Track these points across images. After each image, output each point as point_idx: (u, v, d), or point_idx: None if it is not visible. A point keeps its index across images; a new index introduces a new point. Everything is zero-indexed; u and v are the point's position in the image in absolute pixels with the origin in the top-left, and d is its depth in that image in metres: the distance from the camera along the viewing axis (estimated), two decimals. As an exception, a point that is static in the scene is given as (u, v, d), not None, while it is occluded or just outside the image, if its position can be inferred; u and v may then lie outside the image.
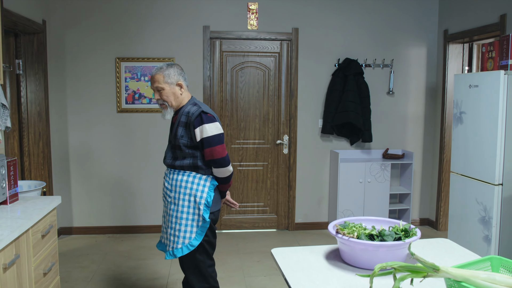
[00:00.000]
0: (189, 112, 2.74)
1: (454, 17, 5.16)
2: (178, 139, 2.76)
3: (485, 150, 3.70)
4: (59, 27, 4.98)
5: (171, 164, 2.83)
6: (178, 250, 2.76)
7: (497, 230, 3.61)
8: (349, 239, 1.92)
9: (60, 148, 5.09)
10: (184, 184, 2.76)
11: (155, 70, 2.81)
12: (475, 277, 1.54)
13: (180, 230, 2.75)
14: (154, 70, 2.82)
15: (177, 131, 2.77)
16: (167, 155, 2.88)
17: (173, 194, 2.80)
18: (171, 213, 2.80)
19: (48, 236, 2.77)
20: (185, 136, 2.74)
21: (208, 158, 2.73)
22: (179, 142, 2.75)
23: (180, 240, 2.75)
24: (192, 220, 2.75)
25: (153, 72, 2.81)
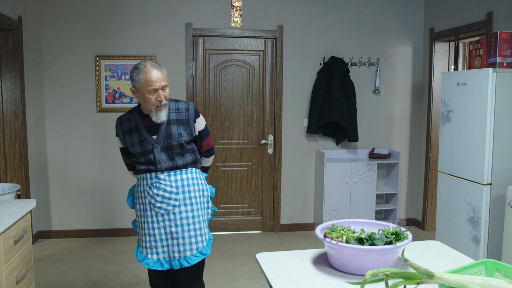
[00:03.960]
0: (181, 108, 2.68)
1: (440, 16, 5.12)
2: (175, 138, 2.63)
3: (473, 149, 3.65)
4: (36, 24, 4.82)
5: (172, 166, 2.65)
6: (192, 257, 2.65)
7: (485, 230, 3.56)
8: (337, 243, 1.83)
9: (37, 149, 4.93)
10: (191, 182, 2.68)
11: (157, 66, 2.57)
12: (470, 283, 1.48)
13: (195, 229, 2.66)
14: (154, 66, 2.55)
15: (171, 130, 2.62)
16: (160, 160, 2.63)
17: (180, 195, 2.64)
18: (183, 215, 2.64)
19: (22, 242, 2.64)
20: (183, 132, 2.65)
21: (204, 149, 2.81)
22: (177, 141, 2.63)
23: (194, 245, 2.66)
24: (203, 217, 2.73)
25: (158, 69, 2.56)
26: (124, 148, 2.78)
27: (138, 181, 2.74)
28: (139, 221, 2.74)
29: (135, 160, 2.74)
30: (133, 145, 2.66)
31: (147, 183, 2.66)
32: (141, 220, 2.70)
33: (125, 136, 2.69)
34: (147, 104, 2.56)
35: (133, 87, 2.58)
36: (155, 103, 2.55)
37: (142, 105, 2.63)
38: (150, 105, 2.55)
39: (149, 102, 2.55)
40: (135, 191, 2.78)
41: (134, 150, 2.67)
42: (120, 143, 2.78)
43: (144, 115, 2.66)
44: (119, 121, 2.72)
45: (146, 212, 2.67)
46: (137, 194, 2.73)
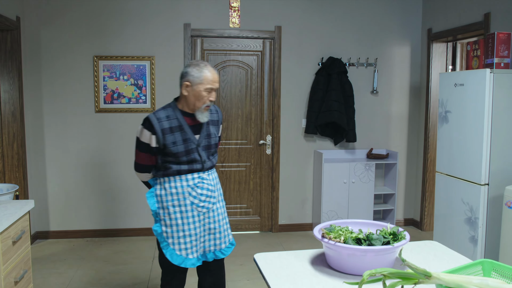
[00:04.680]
0: (213, 110, 2.82)
1: (438, 16, 5.13)
2: (213, 138, 2.76)
3: (471, 149, 3.66)
4: (34, 24, 4.81)
5: (212, 165, 2.79)
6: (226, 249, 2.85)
7: (483, 230, 3.57)
8: (335, 243, 1.83)
9: (36, 150, 4.93)
10: (218, 179, 2.88)
11: (213, 70, 2.66)
12: (467, 283, 1.49)
13: (227, 223, 2.87)
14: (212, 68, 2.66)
15: (210, 130, 2.74)
16: (205, 159, 2.70)
17: (216, 193, 2.79)
18: (219, 211, 2.80)
19: (20, 242, 2.64)
20: (216, 133, 2.81)
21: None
22: (214, 141, 2.77)
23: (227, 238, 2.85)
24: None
25: (215, 71, 2.67)
26: (156, 148, 2.64)
27: (174, 182, 2.67)
28: (175, 223, 2.67)
29: (171, 160, 2.64)
30: (175, 144, 2.62)
31: (188, 184, 2.67)
32: (181, 222, 2.67)
33: (165, 135, 2.60)
34: (198, 101, 2.62)
35: (188, 82, 2.61)
36: (206, 102, 2.63)
37: (188, 103, 2.65)
38: (201, 103, 2.62)
39: (201, 100, 2.62)
40: (165, 194, 2.69)
41: (177, 149, 2.62)
42: (154, 142, 2.62)
43: (186, 114, 2.68)
44: (155, 119, 2.62)
45: (187, 213, 2.68)
46: (173, 196, 2.67)
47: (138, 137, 2.67)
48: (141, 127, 2.65)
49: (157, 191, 2.70)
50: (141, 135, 2.64)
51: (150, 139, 2.62)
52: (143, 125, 2.65)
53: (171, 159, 2.64)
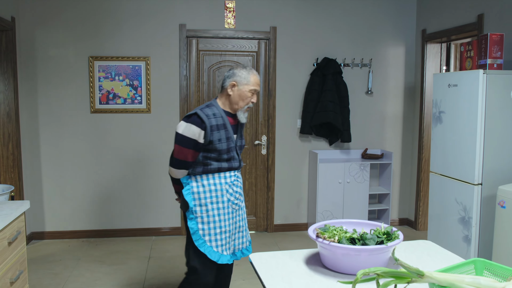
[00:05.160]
0: None
1: (432, 17, 5.17)
2: (243, 139, 2.90)
3: (464, 149, 3.69)
4: (29, 25, 4.81)
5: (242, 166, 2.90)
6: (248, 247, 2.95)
7: (476, 230, 3.60)
8: (330, 243, 1.85)
9: (31, 150, 4.92)
10: None
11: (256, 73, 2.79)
12: (460, 282, 1.51)
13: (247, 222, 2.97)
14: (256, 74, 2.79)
15: (242, 131, 2.88)
16: (240, 157, 2.84)
17: (242, 196, 2.92)
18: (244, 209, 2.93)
19: (16, 243, 2.64)
20: None
21: None
22: (245, 142, 2.94)
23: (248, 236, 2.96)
24: None
25: (258, 76, 2.80)
26: (201, 144, 2.68)
27: (213, 179, 2.74)
28: (213, 220, 2.73)
29: (213, 156, 2.71)
30: (220, 141, 2.69)
31: (226, 181, 2.76)
32: (218, 219, 2.74)
33: (213, 132, 2.67)
34: (242, 102, 2.75)
35: (235, 82, 2.73)
36: (248, 103, 2.76)
37: (231, 103, 2.77)
38: (244, 103, 2.75)
39: (244, 100, 2.74)
40: (203, 191, 2.74)
41: (221, 146, 2.70)
42: (202, 138, 2.67)
43: (227, 113, 2.78)
44: (205, 115, 2.67)
45: (224, 210, 2.75)
46: (212, 193, 2.73)
47: (183, 134, 2.66)
48: (187, 124, 2.66)
49: (194, 188, 2.73)
50: (188, 131, 2.65)
51: (198, 135, 2.66)
52: (190, 121, 2.66)
53: (214, 156, 2.71)
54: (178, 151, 2.69)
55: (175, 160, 2.72)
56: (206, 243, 2.73)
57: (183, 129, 2.67)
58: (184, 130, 2.67)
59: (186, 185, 2.75)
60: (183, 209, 2.80)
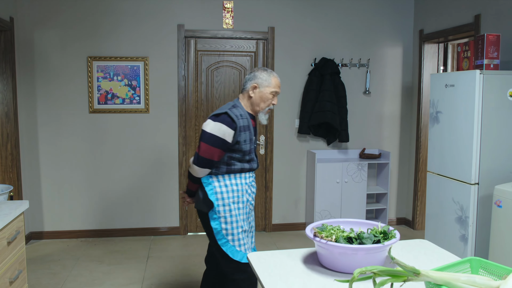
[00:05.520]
0: None
1: (430, 17, 5.19)
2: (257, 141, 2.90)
3: (461, 149, 3.71)
4: (27, 25, 4.82)
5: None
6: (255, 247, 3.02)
7: (473, 229, 3.62)
8: (327, 242, 1.87)
9: (29, 150, 4.93)
10: None
11: (276, 75, 2.83)
12: (455, 280, 1.52)
13: None
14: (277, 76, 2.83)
15: (257, 134, 2.93)
16: (256, 160, 2.87)
17: None
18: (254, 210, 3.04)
19: (15, 243, 2.65)
20: None
21: None
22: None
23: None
24: None
25: (278, 77, 2.82)
26: (229, 144, 2.70)
27: (235, 179, 2.77)
28: (236, 220, 2.75)
29: (238, 157, 2.74)
30: (245, 143, 2.74)
31: (246, 182, 2.81)
32: (240, 218, 2.77)
33: (241, 132, 2.70)
34: (264, 103, 2.80)
35: (256, 84, 2.78)
36: (269, 105, 2.81)
37: (253, 105, 2.82)
38: (266, 105, 2.81)
39: (266, 102, 2.80)
40: (226, 191, 2.75)
41: (246, 147, 2.74)
42: (230, 138, 2.69)
43: (249, 115, 2.83)
44: (235, 116, 2.70)
45: (244, 210, 2.80)
46: (234, 193, 2.76)
47: (211, 132, 2.66)
48: (217, 123, 2.67)
49: (217, 188, 2.74)
50: (218, 130, 2.66)
51: (228, 135, 2.68)
52: (219, 120, 2.67)
53: (238, 157, 2.75)
54: (205, 149, 2.67)
55: (201, 158, 2.69)
56: (229, 242, 2.74)
57: (211, 127, 2.67)
58: (213, 129, 2.66)
59: (208, 185, 2.75)
60: (203, 209, 2.78)
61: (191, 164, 2.74)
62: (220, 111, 2.72)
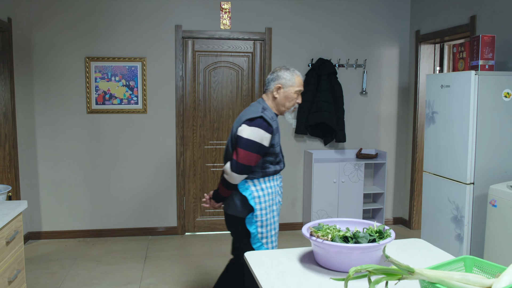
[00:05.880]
0: None
1: (426, 18, 5.22)
2: None
3: (457, 149, 3.74)
4: (25, 25, 4.83)
5: None
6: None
7: (469, 228, 3.65)
8: (323, 241, 1.89)
9: (27, 150, 4.94)
10: None
11: (299, 73, 2.80)
12: (449, 278, 1.54)
13: None
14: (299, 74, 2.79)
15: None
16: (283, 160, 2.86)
17: None
18: None
19: (13, 243, 2.67)
20: None
21: None
22: None
23: None
24: None
25: (300, 76, 2.80)
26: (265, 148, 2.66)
27: (269, 182, 2.76)
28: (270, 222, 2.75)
29: (271, 160, 2.73)
30: (276, 145, 2.74)
31: (277, 183, 2.82)
32: (273, 221, 2.78)
33: (274, 135, 2.69)
34: (289, 103, 2.77)
35: (280, 84, 2.74)
36: (294, 104, 2.79)
37: (278, 105, 2.78)
38: (291, 105, 2.78)
39: (291, 101, 2.77)
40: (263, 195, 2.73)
41: (277, 149, 2.76)
42: (267, 142, 2.65)
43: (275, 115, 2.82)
44: (270, 119, 2.66)
45: (276, 212, 2.81)
46: (269, 196, 2.74)
47: (249, 138, 2.60)
48: (254, 128, 2.61)
49: (255, 192, 2.70)
50: (256, 135, 2.60)
51: (266, 140, 2.64)
52: (255, 125, 2.61)
53: (271, 159, 2.74)
54: (244, 156, 2.59)
55: (240, 165, 2.60)
56: (263, 245, 2.73)
57: (248, 133, 2.60)
58: (250, 134, 2.60)
59: (246, 190, 2.70)
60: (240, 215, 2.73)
61: (228, 172, 2.64)
62: (253, 114, 2.64)
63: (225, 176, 2.68)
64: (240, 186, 2.71)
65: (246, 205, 2.71)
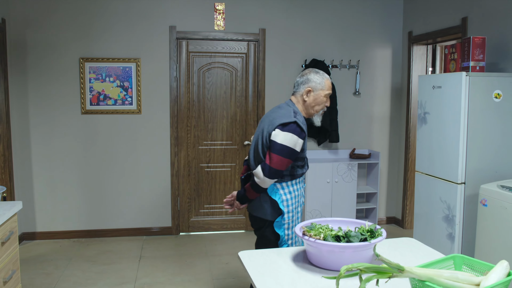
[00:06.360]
0: None
1: (418, 20, 5.27)
2: None
3: (448, 149, 3.78)
4: (19, 26, 4.83)
5: None
6: None
7: (460, 227, 3.69)
8: (315, 241, 1.92)
9: (22, 151, 4.94)
10: None
11: (328, 77, 2.81)
12: (438, 276, 1.57)
13: None
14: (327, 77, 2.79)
15: None
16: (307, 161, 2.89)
17: None
18: None
19: (8, 243, 2.68)
20: None
21: None
22: None
23: None
24: None
25: (329, 79, 2.81)
26: (297, 153, 2.67)
27: (296, 185, 2.79)
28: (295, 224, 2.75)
29: (300, 164, 2.76)
30: (305, 150, 2.77)
31: (302, 185, 2.86)
32: (298, 222, 2.80)
33: (305, 139, 2.71)
34: (318, 106, 2.78)
35: (310, 88, 2.75)
36: (323, 107, 2.80)
37: (307, 108, 2.79)
38: (320, 108, 2.80)
39: (320, 105, 2.78)
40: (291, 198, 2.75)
41: (306, 153, 2.80)
42: (300, 147, 2.67)
43: None
44: (302, 124, 2.68)
45: (300, 213, 2.85)
46: (296, 198, 2.78)
47: (283, 143, 2.60)
48: (288, 133, 2.61)
49: (283, 196, 2.72)
50: (290, 141, 2.61)
51: (299, 145, 2.65)
52: (289, 130, 2.61)
53: (300, 163, 2.76)
54: (277, 161, 2.60)
55: (272, 170, 2.61)
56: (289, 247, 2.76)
57: (282, 138, 2.60)
58: (284, 140, 2.60)
59: (275, 194, 2.71)
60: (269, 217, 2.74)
61: (260, 177, 2.63)
62: (286, 119, 2.64)
63: (256, 180, 2.67)
64: (268, 190, 2.72)
65: (274, 208, 2.71)
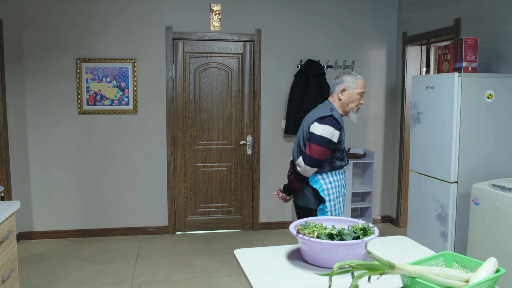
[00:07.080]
0: None
1: (413, 20, 5.32)
2: None
3: (441, 149, 3.83)
4: (16, 26, 4.85)
5: None
6: None
7: (452, 226, 3.74)
8: (309, 239, 1.96)
9: (19, 151, 4.97)
10: None
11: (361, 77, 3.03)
12: (429, 273, 1.60)
13: None
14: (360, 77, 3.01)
15: None
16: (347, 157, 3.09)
17: None
18: None
19: (6, 242, 2.70)
20: None
21: None
22: None
23: None
24: None
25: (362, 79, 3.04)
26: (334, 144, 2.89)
27: (336, 176, 3.00)
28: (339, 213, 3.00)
29: (338, 155, 2.97)
30: (342, 142, 2.99)
31: (343, 177, 3.07)
32: (341, 211, 3.03)
33: (341, 133, 2.94)
34: (353, 103, 3.01)
35: (344, 87, 2.99)
36: (358, 105, 3.03)
37: (342, 106, 3.02)
38: (355, 105, 3.03)
39: (355, 103, 3.01)
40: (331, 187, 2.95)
41: (343, 146, 3.01)
42: (336, 138, 2.89)
43: None
44: (338, 118, 2.92)
45: (342, 203, 3.06)
46: (337, 188, 2.99)
47: (322, 135, 2.85)
48: (325, 126, 2.86)
49: (324, 185, 2.95)
50: (327, 132, 2.86)
51: (336, 136, 2.89)
52: (326, 123, 2.87)
53: (338, 155, 2.98)
54: (316, 150, 2.85)
55: (312, 159, 2.86)
56: None
57: (320, 130, 2.86)
58: (322, 131, 2.86)
59: (316, 183, 2.94)
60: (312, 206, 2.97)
61: (302, 165, 2.88)
62: (323, 113, 2.90)
63: (298, 169, 2.92)
64: (310, 180, 2.95)
65: (316, 197, 2.96)
